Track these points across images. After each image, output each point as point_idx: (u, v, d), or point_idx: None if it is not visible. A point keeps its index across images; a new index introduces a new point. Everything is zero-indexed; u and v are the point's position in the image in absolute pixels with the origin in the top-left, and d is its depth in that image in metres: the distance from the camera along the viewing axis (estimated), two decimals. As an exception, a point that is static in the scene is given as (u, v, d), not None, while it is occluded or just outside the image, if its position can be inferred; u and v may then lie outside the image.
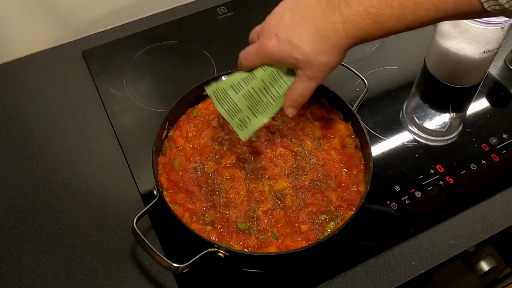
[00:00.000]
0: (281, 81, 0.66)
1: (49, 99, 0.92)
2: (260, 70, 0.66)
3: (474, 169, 0.82)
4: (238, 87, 0.68)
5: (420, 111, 0.90)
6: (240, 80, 0.68)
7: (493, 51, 0.87)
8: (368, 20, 0.56)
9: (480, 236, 0.76)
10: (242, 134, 0.69)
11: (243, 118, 0.68)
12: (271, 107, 0.68)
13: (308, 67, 0.61)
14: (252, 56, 0.65)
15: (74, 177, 0.82)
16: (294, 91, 0.65)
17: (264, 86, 0.67)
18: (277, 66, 0.65)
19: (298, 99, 0.66)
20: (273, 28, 0.61)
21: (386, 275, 0.72)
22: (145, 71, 0.96)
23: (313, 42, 0.59)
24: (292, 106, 0.67)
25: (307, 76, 0.62)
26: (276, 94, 0.67)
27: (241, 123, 0.69)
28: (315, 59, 0.60)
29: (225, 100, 0.68)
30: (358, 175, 0.76)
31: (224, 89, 0.68)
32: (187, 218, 0.72)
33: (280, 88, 0.67)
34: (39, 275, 0.72)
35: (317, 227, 0.71)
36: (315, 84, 0.64)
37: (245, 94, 0.67)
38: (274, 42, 0.61)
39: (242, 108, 0.68)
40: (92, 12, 1.01)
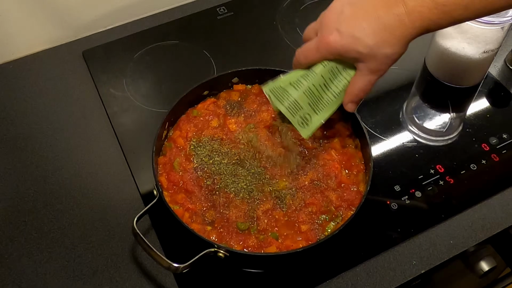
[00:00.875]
0: (341, 76, 0.66)
1: (49, 99, 0.92)
2: (320, 66, 0.65)
3: (474, 169, 0.82)
4: (298, 84, 0.66)
5: (420, 111, 0.90)
6: (299, 77, 0.67)
7: (493, 51, 0.87)
8: (436, 11, 0.56)
9: (480, 236, 0.76)
10: (304, 132, 0.68)
11: (304, 115, 0.67)
12: (332, 103, 0.68)
13: (371, 60, 0.60)
14: (312, 52, 0.64)
15: (74, 177, 0.82)
16: (355, 86, 0.64)
17: (324, 83, 0.66)
18: (337, 61, 0.64)
19: (359, 94, 0.65)
20: (334, 23, 0.60)
21: (386, 275, 0.72)
22: (145, 71, 0.96)
23: (377, 35, 0.58)
24: (352, 101, 0.66)
25: (370, 70, 0.62)
26: (336, 90, 0.67)
27: (302, 121, 0.68)
28: (379, 52, 0.59)
29: (285, 98, 0.67)
30: (358, 175, 0.76)
31: (283, 87, 0.67)
32: (187, 218, 0.72)
33: (339, 83, 0.66)
34: (39, 275, 0.72)
35: (317, 227, 0.71)
36: (377, 78, 0.63)
37: (305, 91, 0.66)
38: (336, 36, 0.60)
39: (303, 105, 0.67)
40: (92, 12, 1.01)
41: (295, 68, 0.68)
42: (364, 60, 0.61)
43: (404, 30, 0.58)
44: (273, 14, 1.05)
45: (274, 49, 1.00)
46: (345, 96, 0.66)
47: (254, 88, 0.85)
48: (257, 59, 0.97)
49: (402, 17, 0.57)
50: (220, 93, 0.85)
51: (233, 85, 0.85)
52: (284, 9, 1.07)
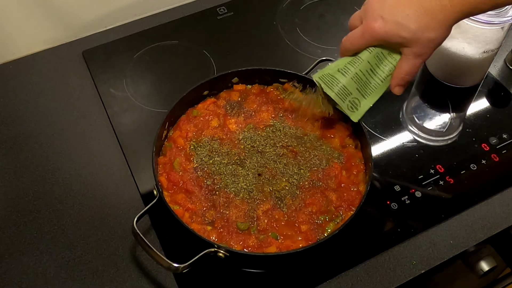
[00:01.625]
0: (386, 61, 0.69)
1: (49, 99, 0.92)
2: (366, 52, 0.68)
3: (474, 169, 0.82)
4: (346, 71, 0.69)
5: (420, 111, 0.90)
6: (347, 64, 0.70)
7: (493, 51, 0.87)
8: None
9: (480, 236, 0.76)
10: (353, 116, 0.72)
11: (353, 100, 0.71)
12: (379, 87, 0.71)
13: (415, 44, 0.64)
14: (357, 39, 0.67)
15: (74, 177, 0.82)
16: (401, 70, 0.67)
17: (371, 68, 0.69)
18: (382, 47, 0.68)
19: (406, 77, 0.68)
20: (377, 10, 0.64)
21: (386, 275, 0.72)
22: (145, 71, 0.96)
23: (420, 19, 0.61)
24: (399, 84, 0.69)
25: (414, 54, 0.65)
26: (383, 75, 0.70)
27: (351, 105, 0.71)
28: (422, 36, 0.62)
29: (334, 84, 0.70)
30: (358, 175, 0.76)
31: (331, 74, 0.70)
32: (187, 218, 0.72)
33: (385, 68, 0.69)
34: (39, 275, 0.72)
35: (317, 227, 0.71)
36: (421, 61, 0.66)
37: (353, 76, 0.69)
38: (380, 23, 0.63)
39: (352, 90, 0.70)
40: (92, 12, 1.01)
41: (342, 56, 0.71)
42: (409, 45, 0.64)
43: (446, 14, 0.61)
44: (273, 14, 1.05)
45: (274, 49, 1.00)
46: (392, 80, 0.70)
47: (254, 88, 0.85)
48: (257, 59, 0.97)
49: (444, 2, 0.60)
50: (220, 93, 0.85)
51: (233, 85, 0.85)
52: (284, 9, 1.07)
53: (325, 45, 1.00)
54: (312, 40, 1.01)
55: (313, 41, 1.01)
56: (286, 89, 0.85)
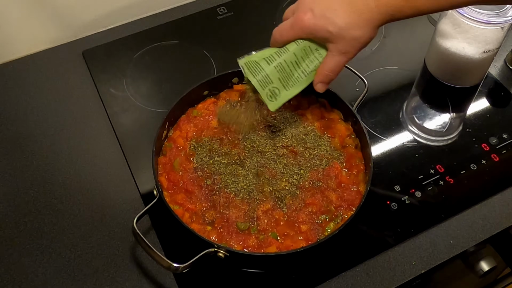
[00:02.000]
0: (313, 56, 0.69)
1: (49, 99, 0.92)
2: (293, 44, 0.68)
3: (474, 169, 0.82)
4: (271, 60, 0.69)
5: (420, 111, 0.90)
6: (273, 53, 0.70)
7: (493, 51, 0.87)
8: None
9: (480, 236, 0.76)
10: (271, 105, 0.71)
11: (273, 89, 0.70)
12: (302, 81, 0.71)
13: (340, 40, 0.64)
14: (287, 31, 0.67)
15: (74, 177, 0.82)
16: (325, 66, 0.68)
17: (296, 60, 0.69)
18: (310, 41, 0.68)
19: (329, 75, 0.68)
20: (309, 4, 0.64)
21: (386, 275, 0.72)
22: (145, 71, 0.96)
23: (347, 16, 0.62)
24: (322, 81, 0.70)
25: (339, 51, 0.65)
26: (307, 69, 0.70)
27: (271, 94, 0.71)
28: (347, 33, 0.63)
29: (257, 71, 0.70)
30: (358, 175, 0.76)
31: (257, 61, 0.70)
32: (187, 218, 0.72)
33: (311, 63, 0.69)
34: (39, 275, 0.72)
35: (317, 227, 0.71)
36: (346, 60, 0.67)
37: (277, 66, 0.69)
38: (310, 15, 0.64)
39: (273, 79, 0.70)
40: (92, 12, 1.01)
41: (271, 46, 0.71)
42: (334, 41, 0.64)
43: (371, 15, 0.62)
44: (273, 14, 1.05)
45: (274, 49, 1.00)
46: (315, 76, 0.70)
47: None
48: (257, 59, 0.97)
49: (370, 2, 0.61)
50: (220, 93, 0.85)
51: (233, 85, 0.85)
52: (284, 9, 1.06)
53: (325, 45, 1.00)
54: (312, 40, 1.01)
55: (313, 41, 1.01)
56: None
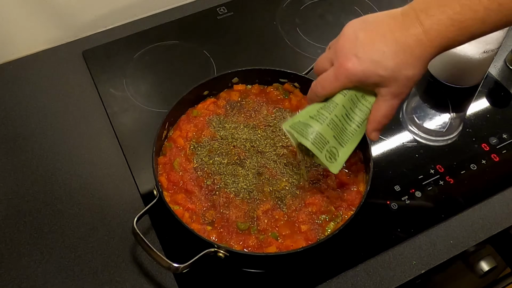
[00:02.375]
0: (361, 104, 0.63)
1: (49, 99, 0.92)
2: (339, 96, 0.62)
3: (474, 169, 0.82)
4: (320, 117, 0.62)
5: (420, 111, 0.90)
6: (320, 109, 0.63)
7: (493, 51, 0.87)
8: (453, 28, 0.55)
9: (480, 236, 0.76)
10: (333, 168, 0.64)
11: (331, 149, 0.63)
12: (356, 134, 0.64)
13: (393, 83, 0.59)
14: (330, 82, 0.61)
15: (74, 177, 0.82)
16: (379, 113, 0.62)
17: (346, 113, 0.63)
18: (356, 89, 0.62)
19: (383, 121, 0.63)
20: (350, 49, 0.59)
21: (386, 275, 0.72)
22: (145, 71, 0.96)
23: (397, 56, 0.57)
24: (376, 129, 0.64)
25: (392, 94, 0.60)
26: (359, 120, 0.64)
27: (330, 155, 0.64)
28: (400, 74, 0.58)
29: (309, 132, 0.62)
30: (358, 175, 0.76)
31: (303, 121, 0.63)
32: (187, 218, 0.72)
33: (361, 112, 0.63)
34: (39, 275, 0.72)
35: (317, 227, 0.71)
36: (399, 102, 0.61)
37: (329, 123, 0.62)
38: (355, 62, 0.58)
39: (329, 138, 0.63)
40: (92, 12, 1.01)
41: (311, 101, 0.65)
42: (386, 84, 0.59)
43: (423, 49, 0.57)
44: (273, 14, 1.05)
45: (274, 49, 1.00)
46: (368, 124, 0.64)
47: (254, 88, 0.85)
48: (257, 59, 0.97)
49: (420, 37, 0.56)
50: (220, 93, 0.85)
51: (233, 85, 0.85)
52: (284, 9, 1.07)
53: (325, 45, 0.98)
54: (312, 40, 1.01)
55: (313, 41, 1.01)
56: (286, 89, 0.85)
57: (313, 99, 0.64)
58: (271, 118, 0.82)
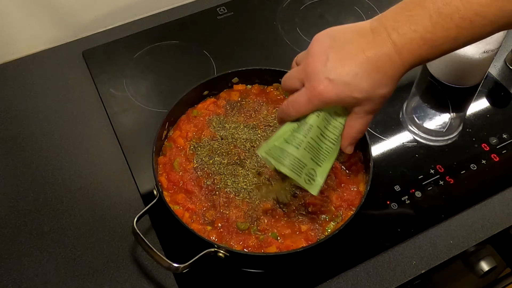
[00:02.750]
0: (334, 121, 0.63)
1: (49, 99, 0.92)
2: (313, 117, 0.61)
3: (474, 169, 0.82)
4: (294, 140, 0.62)
5: (420, 111, 0.90)
6: (294, 132, 0.62)
7: (493, 51, 0.87)
8: (425, 46, 0.55)
9: (480, 236, 0.76)
10: (312, 189, 0.64)
11: (309, 171, 0.63)
12: (332, 151, 0.65)
13: (367, 102, 0.59)
14: (303, 105, 0.60)
15: (74, 177, 0.82)
16: (353, 129, 0.63)
17: (321, 133, 0.63)
18: (329, 109, 0.62)
19: (358, 136, 0.63)
20: (322, 72, 0.57)
21: (386, 275, 0.72)
22: (145, 71, 0.96)
23: (371, 77, 0.57)
24: (351, 144, 0.65)
25: (366, 111, 0.60)
26: (333, 137, 0.64)
27: (308, 178, 0.63)
28: (374, 94, 0.58)
29: (286, 158, 0.62)
30: (358, 175, 0.76)
31: (278, 146, 0.62)
32: (187, 218, 0.72)
33: (335, 129, 0.63)
34: (39, 275, 0.72)
35: (317, 227, 0.71)
36: (372, 117, 0.62)
37: (306, 147, 0.62)
38: (328, 86, 0.57)
39: (306, 161, 0.63)
40: (92, 12, 1.01)
41: (282, 121, 0.64)
42: (360, 104, 0.59)
43: (396, 68, 0.57)
44: (273, 14, 1.05)
45: (274, 49, 1.00)
46: (343, 140, 0.64)
47: (254, 88, 0.85)
48: (257, 59, 0.97)
49: (393, 56, 0.56)
50: (220, 93, 0.85)
51: (233, 85, 0.85)
52: (284, 9, 1.07)
53: (325, 45, 1.00)
54: (312, 40, 1.01)
55: (313, 41, 1.01)
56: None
57: (285, 119, 0.64)
58: (271, 118, 0.82)
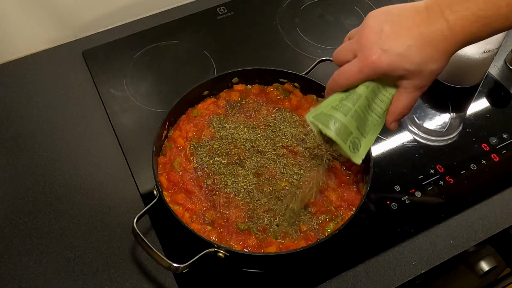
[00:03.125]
0: (382, 95, 0.63)
1: (49, 99, 0.92)
2: (362, 87, 0.62)
3: (474, 169, 0.82)
4: (343, 108, 0.63)
5: (420, 111, 0.90)
6: (343, 100, 0.63)
7: (493, 51, 0.87)
8: (477, 23, 0.56)
9: (480, 236, 0.76)
10: (356, 158, 0.65)
11: (354, 140, 0.64)
12: (377, 124, 0.65)
13: (417, 76, 0.60)
14: (354, 74, 0.61)
15: (74, 177, 0.82)
16: (400, 104, 0.63)
17: (369, 104, 0.63)
18: (378, 80, 0.62)
19: (404, 112, 0.64)
20: (376, 42, 0.59)
21: (386, 275, 0.72)
22: (145, 71, 0.96)
23: (423, 51, 0.58)
24: (396, 120, 0.65)
25: (415, 86, 0.61)
26: (380, 110, 0.64)
27: (353, 146, 0.64)
28: (425, 68, 0.59)
29: (334, 123, 0.62)
30: (358, 175, 0.76)
31: (326, 112, 0.63)
32: (187, 218, 0.72)
33: (382, 103, 0.64)
34: (39, 275, 0.72)
35: (317, 227, 0.71)
36: (420, 94, 0.63)
37: (353, 115, 0.63)
38: (381, 55, 0.59)
39: (352, 129, 0.63)
40: (92, 12, 1.01)
41: (331, 91, 0.65)
42: (410, 77, 0.60)
43: (448, 44, 0.58)
44: (273, 14, 1.05)
45: (274, 49, 1.00)
46: (388, 115, 0.65)
47: (254, 88, 0.85)
48: (257, 59, 0.97)
49: (445, 32, 0.57)
50: (220, 93, 0.85)
51: (233, 85, 0.85)
52: (284, 9, 1.07)
53: (325, 45, 1.00)
54: (312, 40, 1.01)
55: (313, 41, 1.01)
56: (286, 89, 0.85)
57: (334, 89, 0.65)
58: (271, 118, 0.82)
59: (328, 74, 0.77)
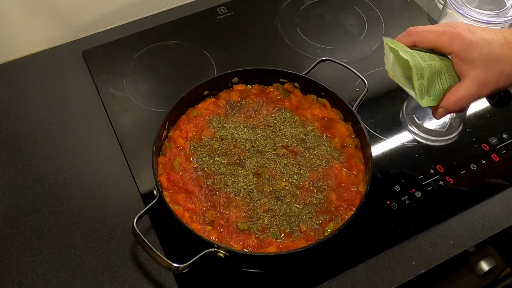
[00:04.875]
0: (447, 78, 0.65)
1: (49, 99, 0.92)
2: (437, 56, 0.65)
3: (474, 169, 0.82)
4: (421, 56, 0.64)
5: (420, 111, 0.90)
6: (422, 53, 0.65)
7: (493, 51, 0.87)
8: None
9: (480, 236, 0.76)
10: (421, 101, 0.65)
11: (423, 85, 0.64)
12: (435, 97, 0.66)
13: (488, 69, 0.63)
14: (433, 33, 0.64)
15: (74, 177, 0.82)
16: (457, 93, 0.64)
17: (440, 72, 0.65)
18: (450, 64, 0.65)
19: (457, 103, 0.65)
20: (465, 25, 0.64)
21: (386, 275, 0.72)
22: (145, 71, 0.96)
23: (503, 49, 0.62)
24: (446, 108, 0.66)
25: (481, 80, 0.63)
26: (443, 87, 0.65)
27: (422, 88, 0.64)
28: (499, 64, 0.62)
29: (412, 58, 0.63)
30: (358, 175, 0.76)
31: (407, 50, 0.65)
32: (187, 218, 0.72)
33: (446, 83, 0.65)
34: (39, 275, 0.72)
35: (317, 227, 0.71)
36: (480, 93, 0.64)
37: (429, 65, 0.64)
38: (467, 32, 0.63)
39: (425, 74, 0.64)
40: (92, 12, 1.01)
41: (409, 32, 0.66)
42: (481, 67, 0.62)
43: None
44: (273, 14, 1.05)
45: (274, 49, 1.00)
46: (443, 100, 0.66)
47: (254, 88, 0.85)
48: (257, 59, 0.97)
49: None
50: (220, 93, 0.85)
51: (233, 85, 0.85)
52: (284, 9, 1.07)
53: (325, 45, 1.00)
54: (312, 40, 1.01)
55: (313, 41, 1.01)
56: (286, 89, 0.85)
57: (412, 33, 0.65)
58: (271, 118, 0.82)
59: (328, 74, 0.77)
